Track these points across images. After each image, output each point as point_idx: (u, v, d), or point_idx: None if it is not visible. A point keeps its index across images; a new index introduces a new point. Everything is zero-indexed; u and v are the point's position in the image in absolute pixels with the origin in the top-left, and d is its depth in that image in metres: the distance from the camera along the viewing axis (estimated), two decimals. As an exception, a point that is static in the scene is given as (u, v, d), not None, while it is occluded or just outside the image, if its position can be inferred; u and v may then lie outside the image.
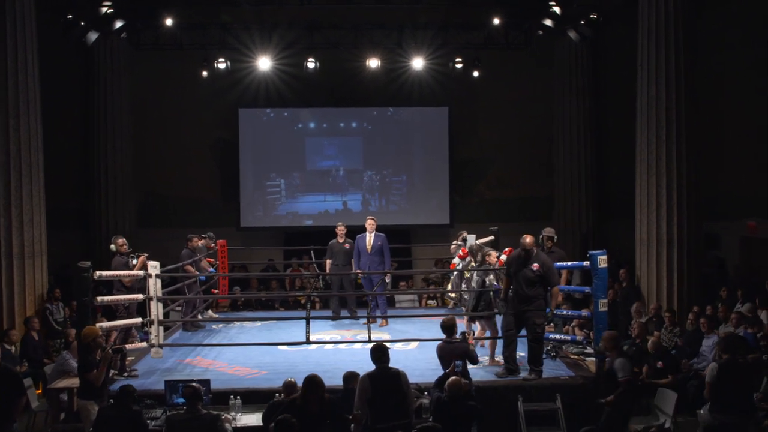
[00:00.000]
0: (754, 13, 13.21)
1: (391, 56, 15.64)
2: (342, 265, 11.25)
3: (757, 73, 13.30)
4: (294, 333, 9.90)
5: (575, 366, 8.66)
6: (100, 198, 15.47)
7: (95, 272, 7.76)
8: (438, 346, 7.55)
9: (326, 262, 11.44)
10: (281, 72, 15.68)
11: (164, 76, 16.36)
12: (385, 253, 10.99)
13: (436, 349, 7.55)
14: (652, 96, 11.64)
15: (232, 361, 9.15)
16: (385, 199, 17.13)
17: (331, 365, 8.83)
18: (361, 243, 11.03)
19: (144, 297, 8.36)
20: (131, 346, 8.52)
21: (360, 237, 11.08)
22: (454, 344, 7.51)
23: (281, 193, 16.99)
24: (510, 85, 16.86)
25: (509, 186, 17.31)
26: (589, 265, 8.07)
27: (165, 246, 13.33)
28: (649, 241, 11.73)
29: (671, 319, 10.26)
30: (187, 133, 16.72)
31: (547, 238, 9.65)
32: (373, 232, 11.02)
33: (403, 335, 10.29)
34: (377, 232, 11.08)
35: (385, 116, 17.23)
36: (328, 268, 11.27)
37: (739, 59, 13.63)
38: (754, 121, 13.35)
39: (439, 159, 16.93)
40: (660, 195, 11.61)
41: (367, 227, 11.06)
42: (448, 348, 7.46)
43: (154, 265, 8.36)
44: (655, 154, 11.64)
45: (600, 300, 7.95)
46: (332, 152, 17.19)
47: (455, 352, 7.39)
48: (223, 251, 12.63)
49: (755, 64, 13.30)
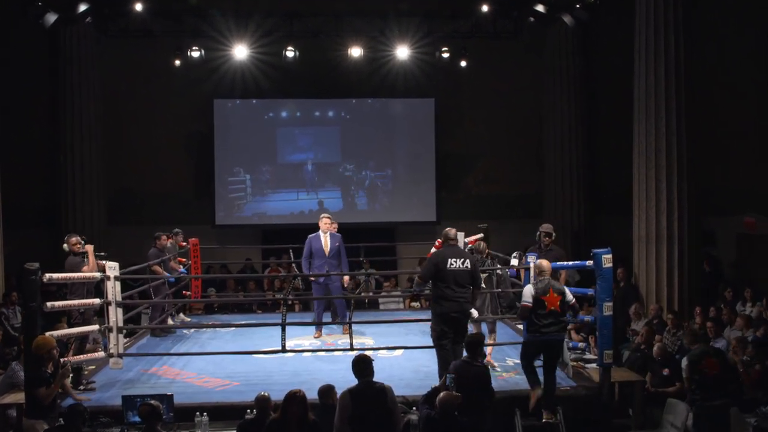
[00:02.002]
0: (749, 2, 12.77)
1: (375, 45, 14.89)
2: None
3: (753, 63, 12.89)
4: (271, 338, 9.14)
5: (576, 375, 7.98)
6: (66, 193, 14.64)
7: (45, 274, 6.96)
8: (455, 366, 6.48)
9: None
10: (259, 61, 14.91)
11: (135, 65, 15.49)
12: (342, 256, 10.08)
13: (452, 369, 6.42)
14: (651, 85, 11.07)
15: (202, 370, 8.39)
16: (366, 195, 16.36)
17: (309, 375, 8.14)
18: (316, 244, 9.98)
19: (101, 302, 7.56)
20: (89, 356, 7.71)
21: (313, 237, 10.03)
22: (476, 367, 6.45)
23: (246, 190, 16.14)
24: (498, 76, 16.19)
25: (498, 181, 16.64)
26: (593, 265, 7.37)
27: (136, 244, 12.67)
28: (648, 237, 11.17)
29: (674, 322, 9.62)
30: (160, 125, 15.85)
31: (544, 234, 8.94)
32: (328, 233, 10.10)
33: (387, 341, 9.55)
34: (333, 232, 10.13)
35: (365, 107, 16.49)
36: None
37: (735, 50, 13.24)
38: (750, 112, 12.99)
39: (425, 153, 16.23)
40: (659, 189, 11.06)
41: (323, 227, 10.03)
42: (469, 371, 6.40)
43: (112, 266, 7.57)
44: (654, 146, 11.07)
45: (605, 303, 7.27)
46: (305, 143, 16.38)
47: (476, 377, 6.37)
48: (196, 250, 11.84)
49: (751, 55, 12.93)
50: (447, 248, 7.45)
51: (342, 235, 10.31)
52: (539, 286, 7.18)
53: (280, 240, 13.71)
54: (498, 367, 8.38)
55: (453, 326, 7.27)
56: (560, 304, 7.12)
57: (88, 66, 14.61)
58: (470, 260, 7.37)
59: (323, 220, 10.14)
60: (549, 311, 7.07)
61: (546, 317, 7.06)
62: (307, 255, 9.99)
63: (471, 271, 7.30)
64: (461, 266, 7.25)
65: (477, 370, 6.45)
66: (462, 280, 7.25)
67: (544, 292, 7.13)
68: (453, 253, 7.36)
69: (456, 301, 7.25)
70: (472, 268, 7.31)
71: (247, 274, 14.06)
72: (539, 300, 7.08)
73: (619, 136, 15.31)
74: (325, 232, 9.98)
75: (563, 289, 7.21)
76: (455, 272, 7.23)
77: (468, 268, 7.27)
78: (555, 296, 7.08)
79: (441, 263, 7.29)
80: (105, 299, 7.59)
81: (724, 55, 13.29)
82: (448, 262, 7.26)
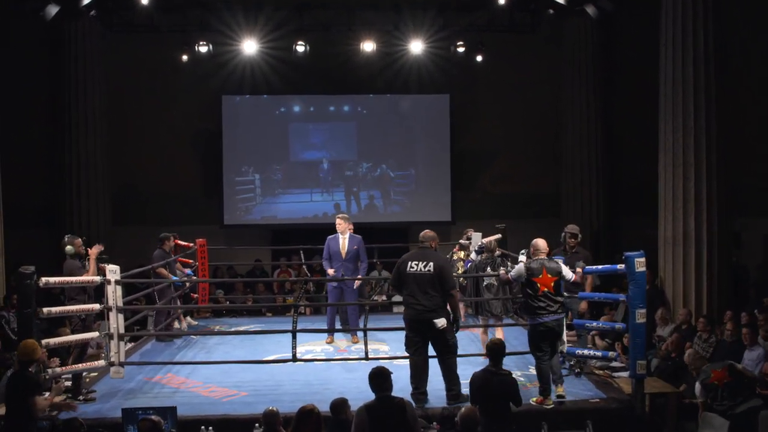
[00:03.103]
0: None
1: (388, 39, 14.50)
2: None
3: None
4: (281, 343, 8.73)
5: (605, 386, 7.49)
6: (70, 192, 14.20)
7: (41, 278, 6.54)
8: (476, 376, 6.01)
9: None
10: (268, 56, 14.51)
11: (140, 61, 15.10)
12: (361, 260, 9.58)
13: (473, 380, 5.99)
14: (678, 79, 10.51)
15: (208, 378, 7.95)
16: (381, 195, 15.86)
17: (321, 384, 7.69)
18: (333, 246, 9.52)
19: (101, 307, 7.13)
20: (89, 365, 7.28)
21: (331, 238, 9.56)
22: (500, 376, 5.98)
23: (255, 191, 15.67)
24: (515, 70, 15.69)
25: (514, 179, 16.15)
26: (624, 269, 6.88)
27: (141, 245, 12.34)
28: (675, 239, 10.62)
29: (705, 327, 9.09)
30: (166, 122, 15.44)
31: (569, 235, 8.44)
32: (346, 234, 9.64)
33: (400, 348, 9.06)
34: (352, 233, 9.67)
35: (378, 103, 15.98)
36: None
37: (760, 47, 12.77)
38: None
39: (439, 150, 15.77)
40: (687, 188, 10.50)
41: (339, 228, 9.55)
42: (492, 380, 5.95)
43: (113, 270, 7.13)
44: (681, 143, 10.52)
45: (638, 310, 6.76)
46: (319, 140, 15.89)
47: (500, 387, 5.92)
48: (203, 251, 11.41)
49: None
50: (414, 251, 6.97)
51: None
52: (533, 266, 6.92)
53: (291, 240, 13.30)
54: (521, 376, 7.90)
55: (418, 334, 6.78)
56: (554, 285, 6.89)
57: (93, 61, 14.18)
58: (436, 264, 6.70)
59: (337, 221, 9.68)
60: (542, 293, 6.86)
61: (539, 299, 6.85)
62: (326, 256, 9.55)
63: (435, 275, 6.65)
64: (422, 269, 6.67)
65: (501, 379, 6.00)
66: (423, 286, 6.66)
67: (536, 272, 6.89)
68: (416, 256, 6.81)
69: (413, 308, 6.73)
70: (437, 272, 6.66)
71: (256, 278, 13.60)
72: (530, 282, 6.88)
73: (639, 132, 14.88)
74: (343, 233, 9.52)
75: (559, 269, 6.98)
76: (415, 276, 6.69)
77: (430, 272, 6.65)
78: (549, 277, 6.88)
79: (402, 266, 6.82)
80: (105, 304, 7.15)
81: (749, 53, 12.82)
82: (408, 265, 6.75)
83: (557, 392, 6.94)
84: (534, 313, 6.90)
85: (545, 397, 6.86)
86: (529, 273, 6.87)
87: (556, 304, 6.93)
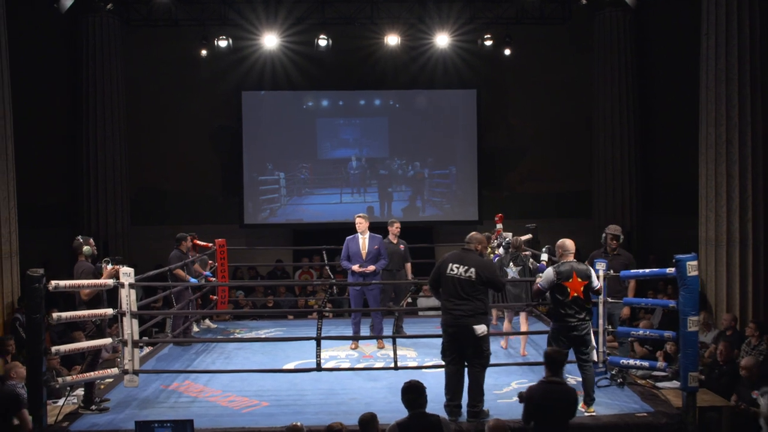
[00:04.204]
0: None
1: (413, 33, 14.15)
2: (396, 270, 9.55)
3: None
4: (304, 348, 8.28)
5: (651, 398, 6.95)
6: (88, 192, 13.91)
7: (51, 282, 6.15)
8: (534, 390, 5.45)
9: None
10: (289, 51, 14.20)
11: (158, 56, 14.80)
12: (383, 256, 9.08)
13: (532, 394, 5.42)
14: (721, 69, 9.95)
15: (227, 387, 7.52)
16: (420, 197, 15.32)
17: (347, 393, 7.25)
18: (353, 247, 9.00)
19: (114, 312, 6.73)
20: (102, 372, 6.89)
21: (351, 239, 9.05)
22: (561, 387, 5.44)
23: (280, 191, 15.20)
24: (545, 64, 15.19)
25: (543, 178, 15.63)
26: (675, 273, 6.35)
27: (160, 245, 12.07)
28: (717, 240, 10.07)
29: (754, 334, 8.53)
30: (185, 119, 15.11)
31: (611, 237, 7.90)
32: (366, 234, 9.16)
33: (431, 351, 8.60)
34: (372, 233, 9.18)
35: (408, 98, 15.48)
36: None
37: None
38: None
39: (466, 147, 15.27)
40: (731, 186, 9.95)
41: (359, 228, 9.05)
42: (552, 392, 5.37)
43: (127, 272, 6.72)
44: (724, 138, 9.96)
45: (689, 317, 6.23)
46: (350, 137, 15.40)
47: (563, 400, 5.36)
48: (223, 252, 11.01)
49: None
50: (456, 252, 6.44)
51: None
52: (561, 270, 6.38)
53: (313, 240, 12.89)
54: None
55: (453, 342, 6.28)
56: (584, 290, 6.36)
57: (111, 58, 13.87)
58: (477, 270, 6.17)
59: (357, 219, 9.21)
60: (572, 298, 6.33)
61: (569, 306, 6.34)
62: (344, 257, 9.10)
63: (475, 281, 6.15)
64: (463, 274, 6.17)
65: (561, 390, 5.43)
66: (462, 291, 6.17)
67: (566, 276, 6.35)
68: (458, 259, 6.28)
69: (450, 313, 6.23)
70: (478, 279, 6.15)
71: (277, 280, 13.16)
72: (560, 286, 6.35)
73: (675, 128, 14.38)
74: (363, 233, 9.06)
75: (589, 273, 6.45)
76: (454, 280, 6.20)
77: (471, 278, 6.15)
78: (579, 281, 6.35)
79: (442, 267, 6.33)
80: (119, 309, 6.75)
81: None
82: (449, 267, 6.26)
83: (587, 413, 6.43)
84: (562, 321, 6.39)
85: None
86: (558, 277, 6.36)
87: (584, 311, 6.40)
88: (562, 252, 6.51)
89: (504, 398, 6.98)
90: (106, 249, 13.35)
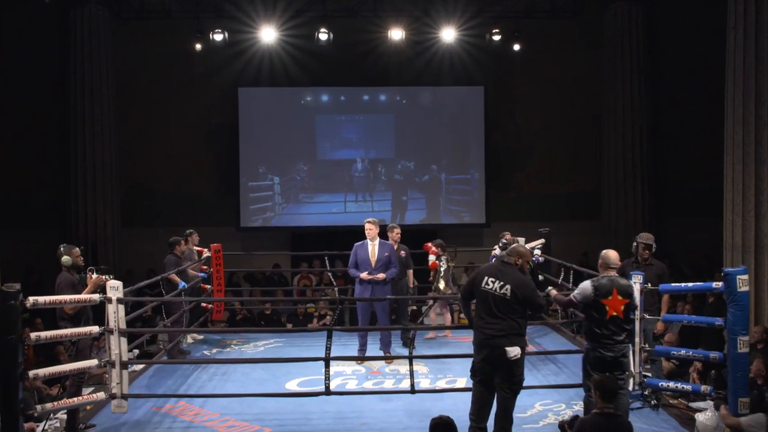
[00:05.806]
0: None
1: (417, 26, 13.60)
2: (398, 278, 9.03)
3: None
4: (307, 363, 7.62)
5: (689, 422, 6.37)
6: (77, 192, 13.30)
7: (28, 298, 5.51)
8: (585, 421, 4.94)
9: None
10: (288, 45, 13.67)
11: (151, 50, 14.19)
12: (393, 264, 8.56)
13: (581, 424, 4.91)
14: (750, 64, 9.32)
15: (225, 409, 6.90)
16: (437, 202, 14.62)
17: (357, 418, 6.67)
18: (361, 254, 8.50)
19: (101, 330, 6.09)
20: (87, 398, 6.24)
21: (359, 245, 8.57)
22: (618, 421, 4.92)
23: (275, 198, 14.50)
24: (554, 60, 14.63)
25: (553, 178, 15.09)
26: (722, 287, 5.76)
27: (152, 248, 11.78)
28: (745, 246, 9.45)
29: (790, 348, 7.95)
30: (178, 116, 14.47)
31: (643, 246, 7.29)
32: (376, 240, 8.63)
33: (443, 367, 8.04)
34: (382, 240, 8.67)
35: (407, 95, 14.84)
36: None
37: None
38: None
39: (473, 147, 14.67)
40: (759, 188, 9.31)
41: (369, 234, 8.56)
42: (607, 427, 4.87)
43: (115, 286, 6.08)
44: (753, 137, 9.34)
45: (740, 337, 5.65)
46: (353, 135, 14.70)
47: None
48: (218, 257, 10.38)
49: None
50: (495, 264, 5.84)
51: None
52: (601, 283, 5.67)
53: (312, 244, 12.30)
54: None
55: (486, 362, 5.62)
56: (624, 309, 5.63)
57: (100, 51, 13.27)
58: (513, 287, 5.52)
59: (366, 225, 8.64)
60: (610, 317, 5.61)
61: (605, 325, 5.61)
62: (352, 264, 8.51)
63: (510, 300, 5.52)
64: (498, 290, 5.54)
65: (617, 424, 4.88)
66: (496, 308, 5.53)
67: (606, 293, 5.63)
68: (494, 273, 5.65)
69: (482, 331, 5.61)
70: (512, 297, 5.51)
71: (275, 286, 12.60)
72: (598, 304, 5.62)
73: (689, 127, 13.93)
74: (373, 239, 8.47)
75: (631, 291, 5.72)
76: (488, 295, 5.58)
77: (506, 296, 5.51)
78: (619, 299, 5.62)
79: (477, 279, 5.72)
80: (106, 326, 6.11)
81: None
82: (484, 280, 5.64)
83: None
84: (598, 342, 5.68)
85: None
86: (597, 293, 5.63)
87: (623, 333, 5.70)
88: (605, 265, 5.80)
89: (530, 423, 6.40)
90: (95, 252, 12.75)
